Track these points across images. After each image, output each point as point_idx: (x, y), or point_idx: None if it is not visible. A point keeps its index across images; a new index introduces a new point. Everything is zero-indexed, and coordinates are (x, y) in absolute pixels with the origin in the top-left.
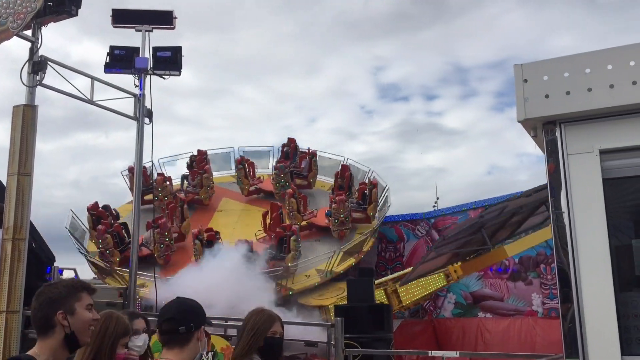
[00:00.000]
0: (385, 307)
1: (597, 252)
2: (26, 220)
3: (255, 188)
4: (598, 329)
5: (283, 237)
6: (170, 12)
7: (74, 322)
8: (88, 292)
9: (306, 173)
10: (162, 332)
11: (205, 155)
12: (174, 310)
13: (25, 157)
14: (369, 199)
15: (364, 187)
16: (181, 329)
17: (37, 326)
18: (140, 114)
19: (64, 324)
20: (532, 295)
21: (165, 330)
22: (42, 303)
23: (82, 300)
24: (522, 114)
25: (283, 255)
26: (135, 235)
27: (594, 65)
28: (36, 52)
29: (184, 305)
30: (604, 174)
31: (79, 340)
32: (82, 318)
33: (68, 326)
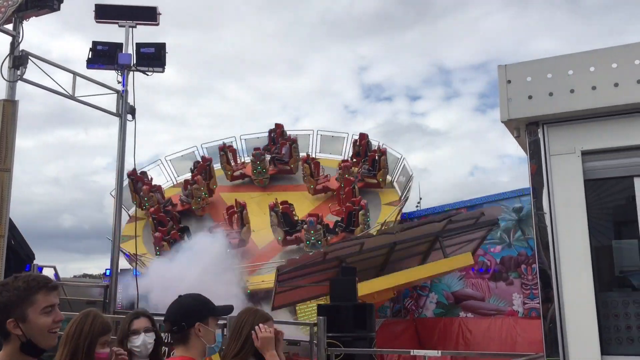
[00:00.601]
0: (368, 306)
1: (578, 253)
2: (5, 216)
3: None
4: (578, 329)
5: (352, 212)
6: (154, 8)
7: (28, 330)
8: (47, 291)
9: (287, 159)
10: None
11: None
12: (168, 311)
13: (5, 152)
14: (378, 165)
15: (374, 154)
16: (175, 329)
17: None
18: (123, 111)
19: (16, 333)
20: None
21: (167, 331)
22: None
23: (37, 303)
24: (506, 114)
25: (352, 228)
26: (117, 234)
27: (577, 67)
28: (17, 46)
29: (177, 304)
30: (586, 175)
31: (39, 346)
32: (37, 324)
33: (23, 334)
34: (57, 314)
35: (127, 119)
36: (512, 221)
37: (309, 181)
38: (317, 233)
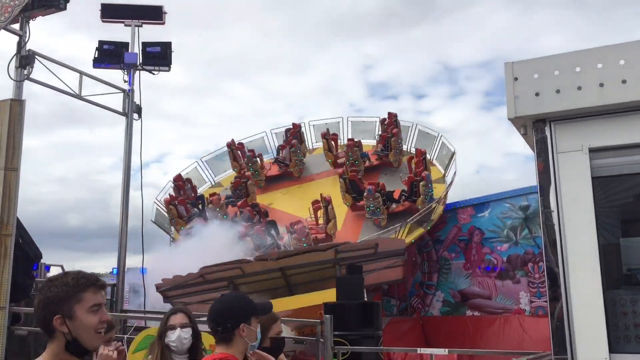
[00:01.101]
0: (375, 304)
1: (586, 251)
2: (13, 216)
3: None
4: (586, 327)
5: (414, 182)
6: (160, 7)
7: (74, 328)
8: (95, 289)
9: (288, 162)
10: (210, 330)
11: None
12: (212, 311)
13: (13, 152)
14: (390, 146)
15: (386, 135)
16: (219, 329)
17: (40, 326)
18: (129, 110)
19: (62, 330)
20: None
21: (210, 330)
22: (39, 303)
23: (85, 301)
24: (513, 112)
25: (414, 198)
26: (124, 230)
27: (584, 63)
28: (24, 46)
29: (221, 305)
30: (593, 173)
31: (84, 346)
32: (84, 322)
33: (69, 332)
34: (103, 314)
35: (134, 118)
36: (519, 219)
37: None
38: (375, 201)
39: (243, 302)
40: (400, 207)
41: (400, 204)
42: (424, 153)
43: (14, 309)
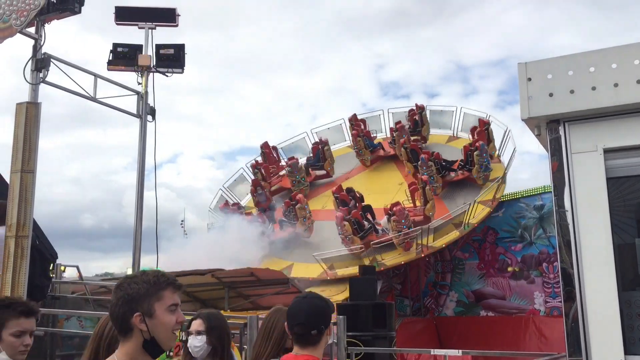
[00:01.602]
0: (388, 305)
1: (601, 251)
2: (29, 217)
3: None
4: (601, 328)
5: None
6: (173, 10)
7: (153, 327)
8: (173, 289)
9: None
10: (294, 334)
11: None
12: (305, 314)
13: (29, 154)
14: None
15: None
16: (313, 332)
17: (115, 325)
18: (143, 112)
19: (141, 328)
20: (535, 293)
21: (298, 333)
22: (119, 300)
23: (164, 299)
24: (526, 112)
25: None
26: (138, 230)
27: (599, 63)
28: (39, 49)
29: (314, 308)
30: (608, 173)
31: (161, 345)
32: (163, 321)
33: (147, 331)
34: (179, 314)
35: (147, 120)
36: (533, 219)
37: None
38: (429, 169)
39: (329, 304)
40: (458, 177)
41: (460, 173)
42: (487, 124)
43: None
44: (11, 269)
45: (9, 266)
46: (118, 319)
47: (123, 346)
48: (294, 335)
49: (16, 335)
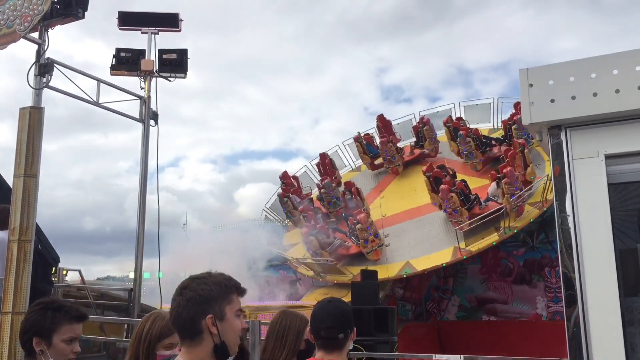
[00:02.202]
0: (390, 310)
1: (602, 256)
2: (32, 221)
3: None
4: (603, 334)
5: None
6: (176, 15)
7: (223, 330)
8: (239, 293)
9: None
10: (321, 338)
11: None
12: (332, 318)
13: (32, 159)
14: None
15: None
16: (340, 336)
17: (181, 328)
18: (146, 116)
19: (212, 331)
20: (537, 298)
21: (325, 337)
22: (187, 301)
23: (233, 303)
24: (528, 118)
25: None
26: (140, 234)
27: (600, 70)
28: (43, 54)
29: (341, 312)
30: (610, 179)
31: (229, 350)
32: (232, 325)
33: (217, 334)
34: (243, 321)
35: (150, 124)
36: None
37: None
38: (467, 145)
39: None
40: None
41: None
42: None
43: None
44: (14, 273)
45: (11, 270)
46: (186, 321)
47: (190, 351)
48: (319, 339)
49: (67, 342)
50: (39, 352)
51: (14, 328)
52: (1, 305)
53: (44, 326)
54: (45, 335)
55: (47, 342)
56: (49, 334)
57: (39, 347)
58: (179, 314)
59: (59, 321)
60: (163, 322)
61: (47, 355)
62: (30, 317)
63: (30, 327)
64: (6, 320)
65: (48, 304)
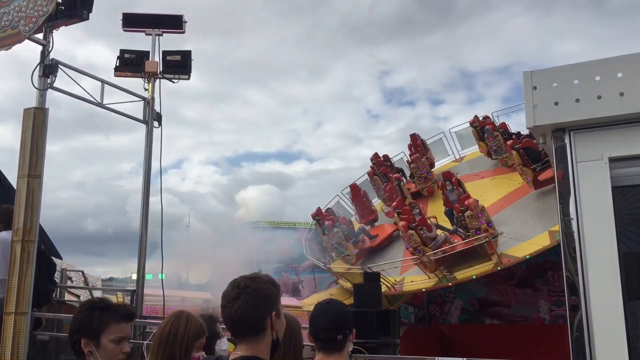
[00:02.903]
0: (392, 312)
1: (606, 260)
2: (36, 222)
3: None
4: (606, 338)
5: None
6: (180, 17)
7: (279, 327)
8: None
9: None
10: (320, 339)
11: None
12: (330, 320)
13: (36, 159)
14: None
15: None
16: (339, 337)
17: (246, 325)
18: (150, 118)
19: (274, 328)
20: (540, 302)
21: (324, 339)
22: (255, 299)
23: (281, 302)
24: (532, 121)
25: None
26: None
27: (604, 72)
28: (47, 55)
29: (340, 312)
30: (613, 182)
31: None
32: (283, 322)
33: (276, 330)
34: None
35: (154, 126)
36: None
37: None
38: (495, 140)
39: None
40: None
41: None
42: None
43: (35, 314)
44: (17, 273)
45: (15, 271)
46: (253, 319)
47: (251, 347)
48: (318, 341)
49: (116, 342)
50: (87, 352)
51: (17, 328)
52: (4, 306)
53: (91, 326)
54: (93, 335)
55: (95, 342)
56: (97, 334)
57: (88, 347)
58: (247, 312)
59: (107, 321)
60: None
61: (96, 356)
62: (78, 317)
63: (78, 328)
64: (9, 320)
65: (96, 304)
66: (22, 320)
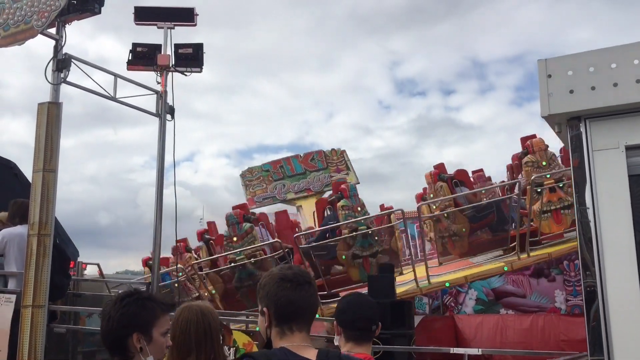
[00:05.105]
0: (407, 303)
1: (623, 249)
2: (51, 216)
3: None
4: (623, 328)
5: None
6: (192, 10)
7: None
8: None
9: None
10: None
11: None
12: (369, 310)
13: (50, 154)
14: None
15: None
16: (374, 327)
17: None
18: (163, 111)
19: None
20: (555, 292)
21: (361, 328)
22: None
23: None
24: (546, 109)
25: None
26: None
27: (620, 60)
28: (60, 50)
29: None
30: (630, 171)
31: None
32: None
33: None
34: None
35: (167, 119)
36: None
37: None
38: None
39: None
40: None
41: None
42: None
43: (51, 307)
44: (34, 267)
45: (31, 264)
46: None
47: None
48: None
49: (164, 334)
50: (138, 349)
51: (34, 321)
52: (22, 299)
53: (144, 319)
54: (145, 329)
55: (147, 337)
56: (149, 328)
57: (140, 343)
58: (316, 303)
59: (156, 312)
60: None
61: (146, 351)
62: (127, 310)
63: (128, 322)
64: (27, 313)
65: (141, 294)
66: (40, 313)
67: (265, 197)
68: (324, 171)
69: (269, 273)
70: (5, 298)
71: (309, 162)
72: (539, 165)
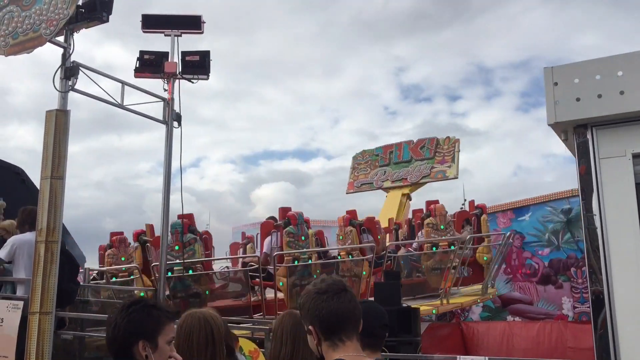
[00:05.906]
0: (413, 310)
1: (630, 255)
2: (59, 222)
3: None
4: (631, 335)
5: None
6: (199, 17)
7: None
8: None
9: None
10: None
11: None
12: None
13: (58, 161)
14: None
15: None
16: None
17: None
18: (170, 118)
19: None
20: (563, 299)
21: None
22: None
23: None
24: (553, 117)
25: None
26: (164, 236)
27: (626, 67)
28: (68, 58)
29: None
30: (637, 178)
31: None
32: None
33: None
34: None
35: (174, 126)
36: (561, 223)
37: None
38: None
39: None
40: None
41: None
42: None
43: (59, 314)
44: (41, 273)
45: (39, 271)
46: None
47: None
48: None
49: (169, 343)
50: (144, 356)
51: (42, 328)
52: (29, 305)
53: (150, 327)
54: (151, 337)
55: (153, 345)
56: (155, 336)
57: (145, 351)
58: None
59: (162, 320)
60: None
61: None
62: (133, 317)
63: (134, 330)
64: (34, 319)
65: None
66: (47, 320)
67: (364, 182)
68: (428, 161)
69: (305, 292)
70: (12, 304)
71: (418, 149)
72: (437, 228)
